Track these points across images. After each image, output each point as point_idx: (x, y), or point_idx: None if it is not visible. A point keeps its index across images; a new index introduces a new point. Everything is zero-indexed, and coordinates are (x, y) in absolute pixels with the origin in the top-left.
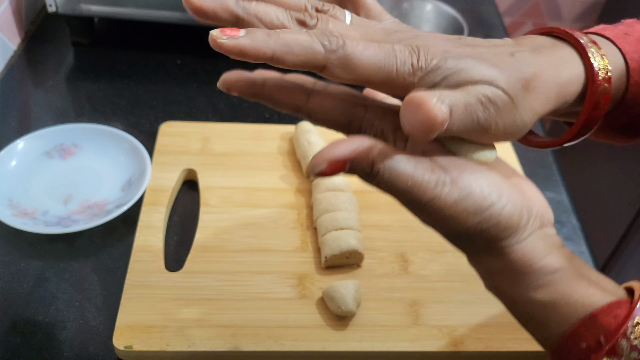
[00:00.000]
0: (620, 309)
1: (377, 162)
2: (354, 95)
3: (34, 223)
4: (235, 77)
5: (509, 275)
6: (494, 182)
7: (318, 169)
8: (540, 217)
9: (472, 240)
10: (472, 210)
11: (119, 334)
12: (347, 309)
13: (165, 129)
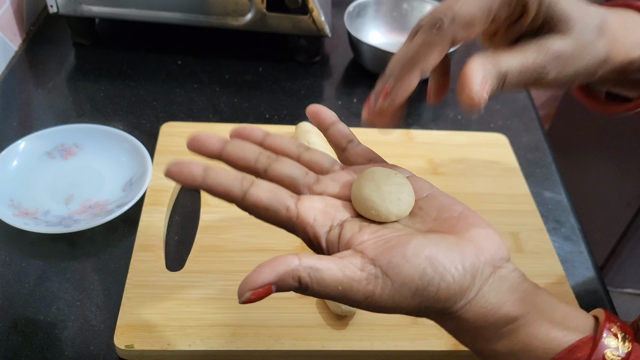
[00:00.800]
0: (581, 352)
1: (303, 276)
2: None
3: (35, 223)
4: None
5: (467, 333)
6: (427, 254)
7: (244, 298)
8: (491, 261)
9: (422, 314)
10: (409, 294)
11: (120, 334)
12: (346, 308)
13: (166, 129)
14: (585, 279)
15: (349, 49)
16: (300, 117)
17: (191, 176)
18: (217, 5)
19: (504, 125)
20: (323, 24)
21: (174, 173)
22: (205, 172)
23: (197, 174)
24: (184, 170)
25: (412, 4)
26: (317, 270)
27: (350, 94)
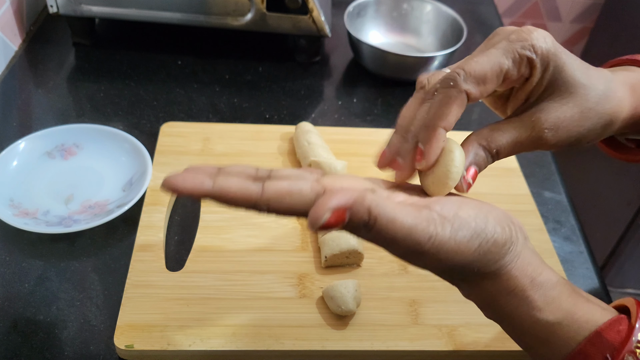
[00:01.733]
0: (621, 325)
1: (373, 208)
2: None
3: (35, 223)
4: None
5: (512, 296)
6: (474, 206)
7: (322, 220)
8: (522, 230)
9: (472, 268)
10: (469, 236)
11: (120, 333)
12: (347, 308)
13: (166, 129)
14: (586, 279)
15: (349, 49)
16: (300, 117)
17: (199, 184)
18: (217, 6)
19: None
20: (323, 24)
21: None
22: (213, 178)
23: (205, 180)
24: (188, 179)
25: (412, 4)
26: (385, 205)
27: (350, 94)
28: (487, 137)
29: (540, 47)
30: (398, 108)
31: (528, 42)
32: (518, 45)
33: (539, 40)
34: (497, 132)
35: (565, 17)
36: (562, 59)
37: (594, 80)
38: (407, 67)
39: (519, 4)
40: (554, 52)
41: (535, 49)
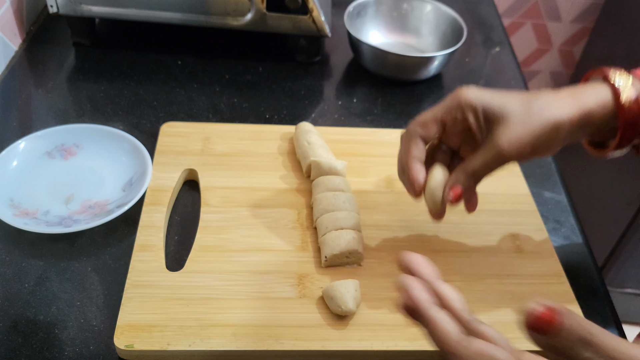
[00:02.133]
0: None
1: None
2: None
3: (35, 223)
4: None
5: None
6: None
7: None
8: None
9: None
10: None
11: (120, 334)
12: (347, 308)
13: (166, 129)
14: (586, 279)
15: (349, 49)
16: (300, 117)
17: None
18: (217, 6)
19: None
20: (323, 24)
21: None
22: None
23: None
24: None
25: (412, 4)
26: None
27: (350, 94)
28: (464, 164)
29: (466, 96)
30: (398, 108)
31: (457, 96)
32: (450, 99)
33: (466, 93)
34: (471, 160)
35: (565, 17)
36: (486, 99)
37: (520, 102)
38: (407, 67)
39: (519, 4)
40: (478, 97)
41: (461, 99)
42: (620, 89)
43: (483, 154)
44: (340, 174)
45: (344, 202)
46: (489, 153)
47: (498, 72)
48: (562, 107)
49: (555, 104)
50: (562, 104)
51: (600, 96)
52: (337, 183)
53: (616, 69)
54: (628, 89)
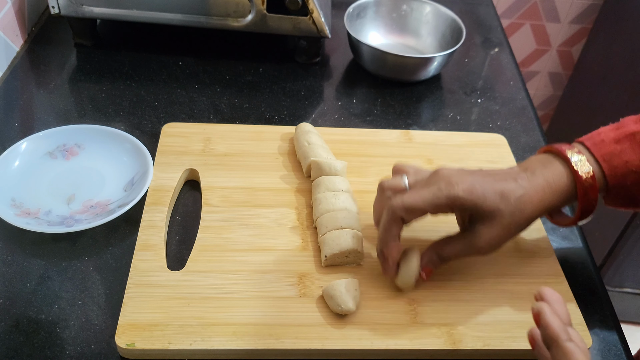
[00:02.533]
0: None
1: None
2: None
3: (37, 222)
4: None
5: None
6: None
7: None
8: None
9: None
10: None
11: (121, 332)
12: (346, 307)
13: (167, 129)
14: (584, 278)
15: (349, 50)
16: (300, 118)
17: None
18: (218, 7)
19: (503, 126)
20: (323, 25)
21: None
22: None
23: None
24: None
25: (412, 5)
26: None
27: (350, 95)
28: (439, 247)
29: (459, 198)
30: (397, 108)
31: (451, 194)
32: (443, 196)
33: (460, 192)
34: (447, 245)
35: (564, 18)
36: (479, 200)
37: (505, 202)
38: (406, 67)
39: (518, 5)
40: (471, 199)
41: (454, 201)
42: (579, 171)
43: (460, 245)
44: (340, 174)
45: (344, 202)
46: (466, 247)
47: (497, 73)
48: (533, 207)
49: (529, 204)
50: (534, 204)
51: (561, 187)
52: (337, 183)
53: (572, 148)
54: (584, 170)
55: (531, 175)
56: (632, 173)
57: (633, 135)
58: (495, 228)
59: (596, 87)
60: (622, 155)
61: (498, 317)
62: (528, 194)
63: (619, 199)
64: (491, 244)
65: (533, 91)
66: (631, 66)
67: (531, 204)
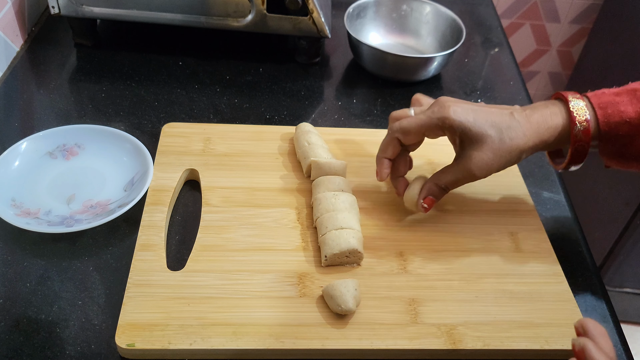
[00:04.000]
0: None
1: None
2: None
3: (37, 222)
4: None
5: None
6: None
7: None
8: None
9: None
10: None
11: (121, 332)
12: (346, 307)
13: (168, 129)
14: (584, 278)
15: (349, 50)
16: (301, 118)
17: None
18: (218, 7)
19: None
20: (323, 25)
21: None
22: None
23: None
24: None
25: (412, 5)
26: None
27: (350, 95)
28: (437, 177)
29: (449, 118)
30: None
31: (442, 115)
32: (435, 116)
33: (450, 113)
34: (443, 174)
35: (564, 18)
36: (468, 122)
37: (496, 128)
38: (406, 67)
39: (518, 5)
40: (461, 120)
41: (445, 120)
42: (574, 112)
43: (455, 171)
44: (340, 174)
45: (344, 202)
46: (460, 173)
47: (497, 73)
48: (526, 138)
49: (521, 135)
50: (527, 136)
51: (558, 128)
52: (337, 183)
53: (575, 94)
54: (580, 113)
55: (530, 111)
56: (626, 123)
57: (634, 91)
58: (485, 152)
59: (596, 87)
60: (619, 105)
61: (498, 317)
62: (521, 125)
63: (612, 150)
64: (482, 168)
65: (533, 91)
66: (631, 66)
67: (523, 134)
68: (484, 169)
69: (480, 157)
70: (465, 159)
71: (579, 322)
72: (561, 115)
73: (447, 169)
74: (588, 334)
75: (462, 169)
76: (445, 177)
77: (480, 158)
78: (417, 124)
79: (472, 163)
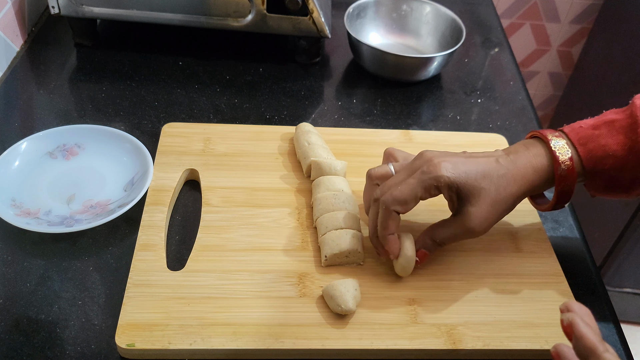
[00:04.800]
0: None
1: None
2: None
3: (37, 222)
4: None
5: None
6: None
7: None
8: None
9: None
10: None
11: (121, 332)
12: (346, 307)
13: (168, 129)
14: (584, 278)
15: (349, 50)
16: (301, 118)
17: None
18: (218, 7)
19: (503, 126)
20: (323, 25)
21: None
22: None
23: None
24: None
25: (412, 5)
26: None
27: (350, 95)
28: (433, 232)
29: (443, 177)
30: (397, 108)
31: (435, 175)
32: (428, 178)
33: (443, 172)
34: (440, 228)
35: (564, 18)
36: (462, 178)
37: (487, 180)
38: (406, 67)
39: (518, 5)
40: (455, 178)
41: (439, 180)
42: (556, 152)
43: (453, 228)
44: (340, 174)
45: (344, 202)
46: (459, 229)
47: (497, 73)
48: (517, 185)
49: (512, 182)
50: (517, 182)
51: (541, 165)
52: (337, 183)
53: (554, 133)
54: (563, 152)
55: (514, 156)
56: (609, 157)
57: (612, 122)
58: (482, 207)
59: (596, 87)
60: (599, 139)
61: (498, 317)
62: (510, 172)
63: (599, 184)
64: (481, 224)
65: (533, 91)
66: (631, 66)
67: (514, 181)
68: (484, 224)
69: (479, 212)
70: (463, 215)
71: (564, 304)
72: (544, 156)
73: (444, 223)
74: (573, 312)
75: (460, 226)
76: (443, 232)
77: (478, 213)
78: (411, 190)
79: (471, 220)
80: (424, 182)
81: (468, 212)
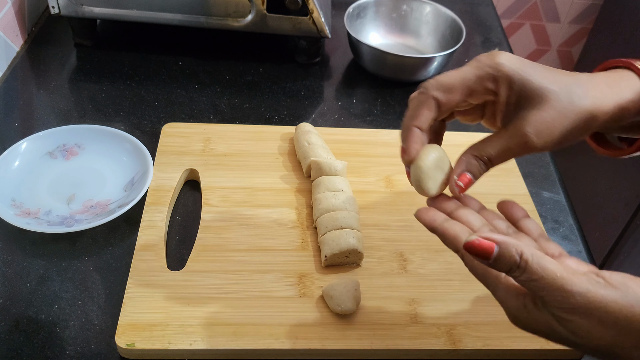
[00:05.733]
0: None
1: (524, 253)
2: None
3: (37, 222)
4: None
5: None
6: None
7: (470, 239)
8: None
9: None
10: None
11: (121, 332)
12: (346, 307)
13: (168, 129)
14: None
15: (349, 50)
16: (300, 118)
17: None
18: (218, 7)
19: None
20: (323, 25)
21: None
22: (443, 220)
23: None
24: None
25: (412, 5)
26: (539, 256)
27: (350, 95)
28: (478, 147)
29: (504, 65)
30: (397, 108)
31: (494, 61)
32: (484, 64)
33: (504, 60)
34: (488, 143)
35: (564, 18)
36: (527, 72)
37: (562, 84)
38: (406, 68)
39: (518, 5)
40: (517, 69)
41: (499, 67)
42: None
43: (505, 138)
44: (340, 174)
45: (344, 202)
46: (513, 139)
47: None
48: (601, 96)
49: (594, 92)
50: (601, 93)
51: (635, 88)
52: (337, 183)
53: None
54: None
55: (590, 74)
56: None
57: None
58: (547, 111)
59: None
60: None
61: (498, 317)
62: (583, 85)
63: None
64: (542, 131)
65: None
66: None
67: (600, 93)
68: (544, 133)
69: (542, 117)
70: (521, 120)
71: (499, 204)
72: (633, 78)
73: (494, 136)
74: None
75: (514, 133)
76: (491, 146)
77: (541, 118)
78: (462, 74)
79: (530, 124)
80: (480, 69)
81: (527, 117)
